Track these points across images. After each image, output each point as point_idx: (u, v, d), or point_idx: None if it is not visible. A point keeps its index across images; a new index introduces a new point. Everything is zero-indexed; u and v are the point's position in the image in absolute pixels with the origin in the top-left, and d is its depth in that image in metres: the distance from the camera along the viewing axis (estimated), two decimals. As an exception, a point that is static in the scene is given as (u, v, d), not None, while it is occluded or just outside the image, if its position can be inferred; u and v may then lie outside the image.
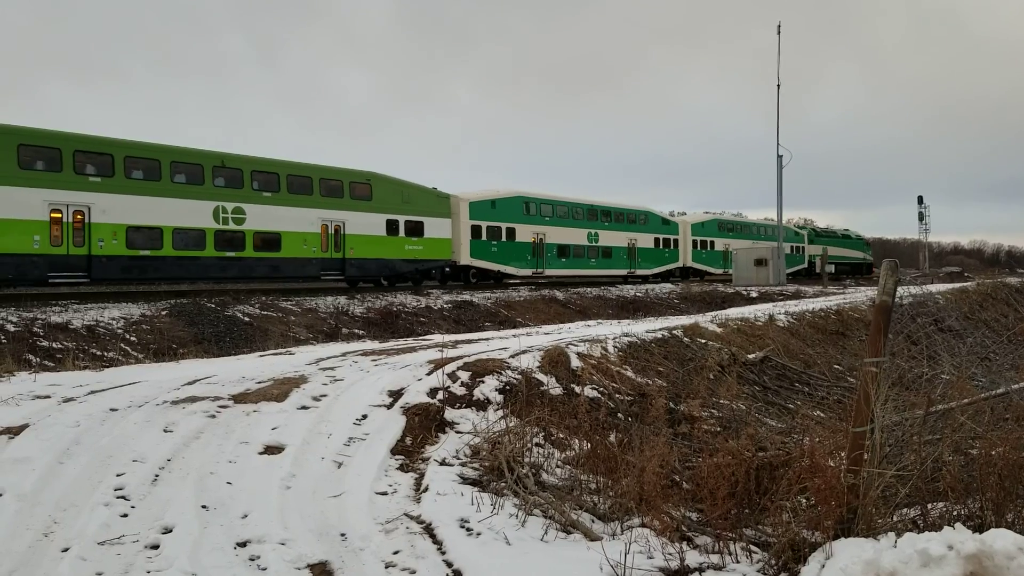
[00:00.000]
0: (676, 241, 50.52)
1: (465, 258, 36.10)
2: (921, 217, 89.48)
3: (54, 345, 16.39)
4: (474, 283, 36.96)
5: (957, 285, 32.54)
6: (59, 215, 22.51)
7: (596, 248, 43.89)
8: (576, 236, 42.55)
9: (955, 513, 5.02)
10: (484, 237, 37.00)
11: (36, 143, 22.33)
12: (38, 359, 15.17)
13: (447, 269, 36.31)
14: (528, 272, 39.71)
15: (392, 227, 31.99)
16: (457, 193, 36.65)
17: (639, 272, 46.87)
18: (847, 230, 79.25)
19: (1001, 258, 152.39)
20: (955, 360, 7.92)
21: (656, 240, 48.53)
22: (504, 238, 38.00)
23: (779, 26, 46.85)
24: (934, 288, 26.74)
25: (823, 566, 4.39)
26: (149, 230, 24.48)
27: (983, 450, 5.36)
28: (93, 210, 23.07)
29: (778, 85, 46.90)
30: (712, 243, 54.47)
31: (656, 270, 48.47)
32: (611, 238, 44.88)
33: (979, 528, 4.47)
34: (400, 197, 32.43)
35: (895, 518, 4.96)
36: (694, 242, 52.78)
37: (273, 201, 27.84)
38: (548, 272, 40.93)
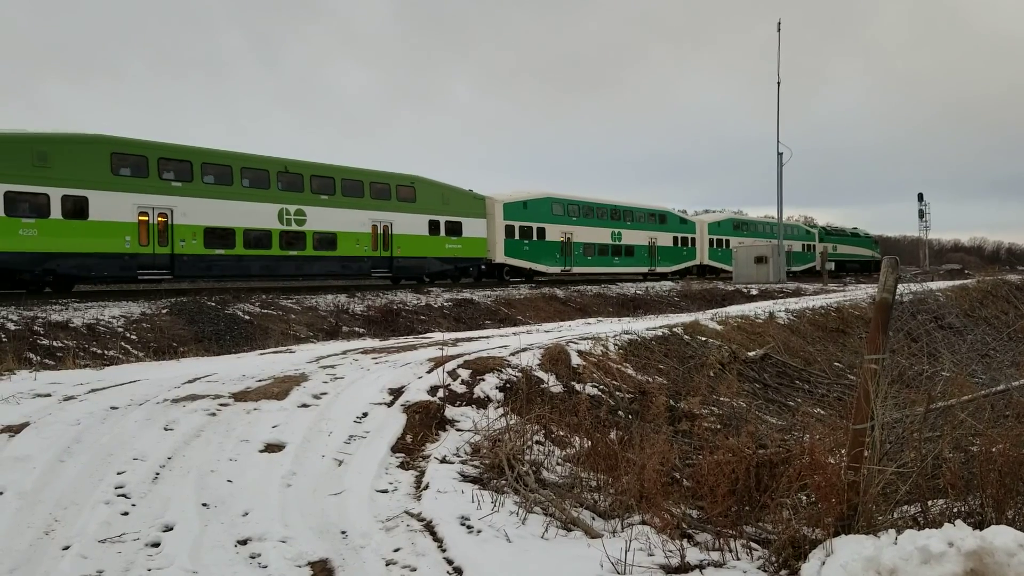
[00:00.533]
0: (693, 240, 52.39)
1: (500, 256, 37.96)
2: (921, 214, 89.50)
3: (54, 343, 16.40)
4: (507, 280, 38.56)
5: (957, 282, 32.54)
6: (145, 217, 24.47)
7: (619, 247, 45.69)
8: (601, 235, 44.38)
9: (955, 510, 5.02)
10: (517, 236, 38.79)
11: (125, 151, 24.20)
12: (39, 357, 15.18)
13: (483, 267, 37.78)
14: (557, 270, 41.40)
15: (434, 227, 33.95)
16: (492, 194, 38.53)
17: (659, 269, 48.47)
18: (856, 229, 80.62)
19: (1001, 255, 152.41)
20: (955, 357, 7.92)
21: (675, 239, 50.44)
22: (535, 237, 39.85)
23: (779, 23, 46.85)
24: (934, 285, 26.75)
25: (824, 563, 4.39)
26: (223, 231, 26.43)
27: (983, 447, 5.36)
28: (175, 213, 25.04)
29: (778, 83, 46.90)
30: (727, 241, 55.89)
31: (675, 268, 50.08)
32: (633, 237, 46.71)
33: (979, 525, 4.47)
34: (441, 199, 34.49)
35: (895, 515, 4.96)
36: (710, 241, 54.44)
37: (329, 204, 29.77)
38: (575, 270, 42.66)
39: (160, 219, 24.77)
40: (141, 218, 24.35)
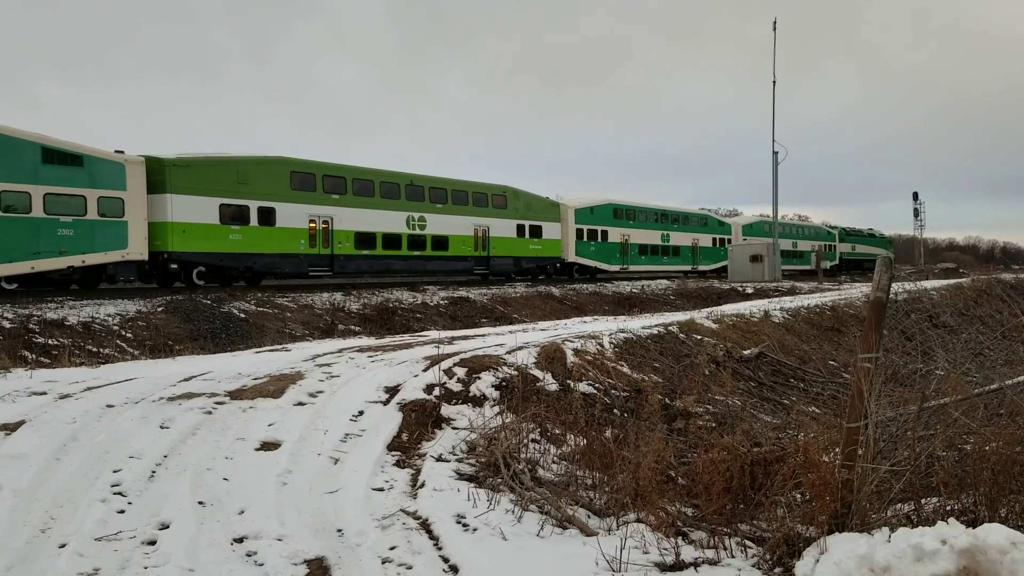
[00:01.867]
0: (730, 240, 57.51)
1: (571, 256, 43.05)
2: (916, 213, 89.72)
3: (50, 341, 16.38)
4: (576, 277, 43.20)
5: (952, 281, 32.64)
6: (314, 224, 29.81)
7: (668, 247, 51.33)
8: (653, 237, 49.90)
9: (949, 508, 5.05)
10: (585, 239, 44.01)
11: (300, 170, 29.60)
12: (34, 355, 15.15)
13: (558, 265, 42.80)
14: (617, 268, 46.43)
15: (520, 230, 39.41)
16: (565, 201, 43.96)
17: (700, 268, 53.40)
18: (871, 229, 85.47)
19: (996, 254, 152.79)
20: (949, 356, 7.95)
21: (714, 240, 55.84)
22: (600, 239, 45.17)
23: (775, 22, 46.89)
24: (929, 284, 26.81)
25: (817, 561, 4.41)
26: (368, 235, 31.77)
27: (977, 445, 5.39)
28: (334, 220, 30.45)
29: (774, 82, 46.95)
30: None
31: (714, 266, 54.93)
32: (679, 238, 52.36)
33: (972, 523, 4.50)
34: (526, 205, 39.98)
35: (889, 513, 4.99)
36: (744, 241, 58.16)
37: (443, 211, 34.93)
38: (631, 268, 47.63)
39: (324, 225, 30.10)
40: (311, 225, 29.67)
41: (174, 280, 26.52)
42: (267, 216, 28.19)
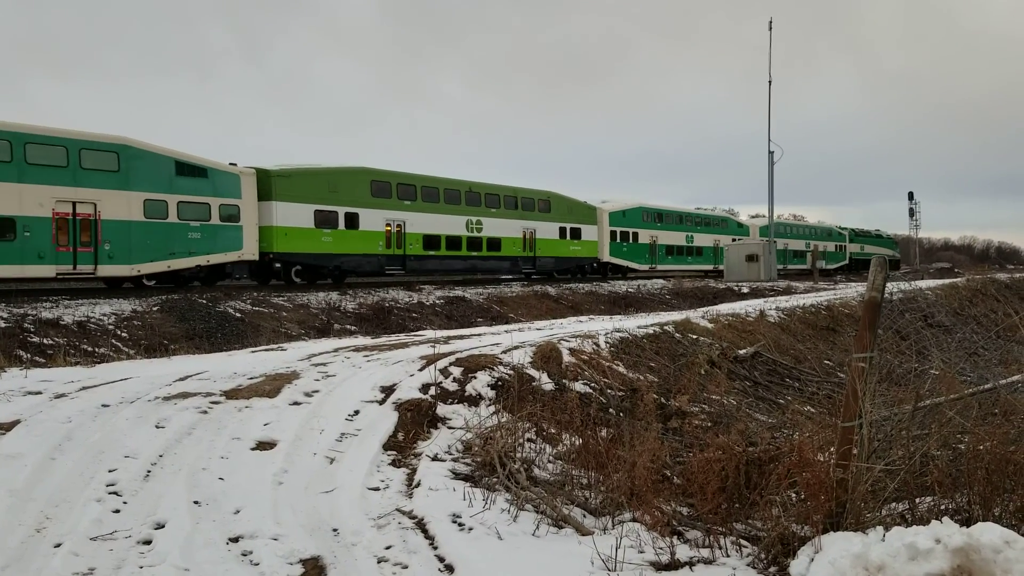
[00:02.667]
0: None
1: (606, 256, 46.27)
2: (912, 213, 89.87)
3: (45, 341, 16.35)
4: (609, 276, 46.21)
5: (947, 281, 32.70)
6: (389, 228, 33.22)
7: (692, 248, 54.63)
8: (678, 238, 53.06)
9: (943, 507, 5.06)
10: (618, 240, 47.32)
11: (378, 179, 32.99)
12: (29, 355, 15.13)
13: (595, 265, 46.00)
14: (646, 267, 49.48)
15: (562, 232, 42.79)
16: (600, 205, 47.28)
17: (721, 267, 55.02)
18: (879, 230, 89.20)
19: (991, 254, 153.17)
20: (944, 355, 7.98)
21: (733, 240, 58.08)
22: (631, 241, 48.52)
23: (770, 22, 46.98)
24: (924, 284, 26.87)
25: (812, 560, 4.42)
26: (434, 237, 35.08)
27: (971, 445, 5.41)
28: (406, 224, 33.77)
29: (769, 82, 47.02)
30: (776, 243, 62.49)
31: None
32: (702, 239, 55.69)
33: (966, 522, 4.51)
34: (567, 209, 43.41)
35: (883, 512, 5.00)
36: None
37: (497, 215, 38.34)
38: (659, 267, 50.54)
39: (397, 229, 33.43)
40: (387, 228, 33.04)
41: (275, 277, 30.03)
42: (352, 221, 31.61)
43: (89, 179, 23.44)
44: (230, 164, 27.89)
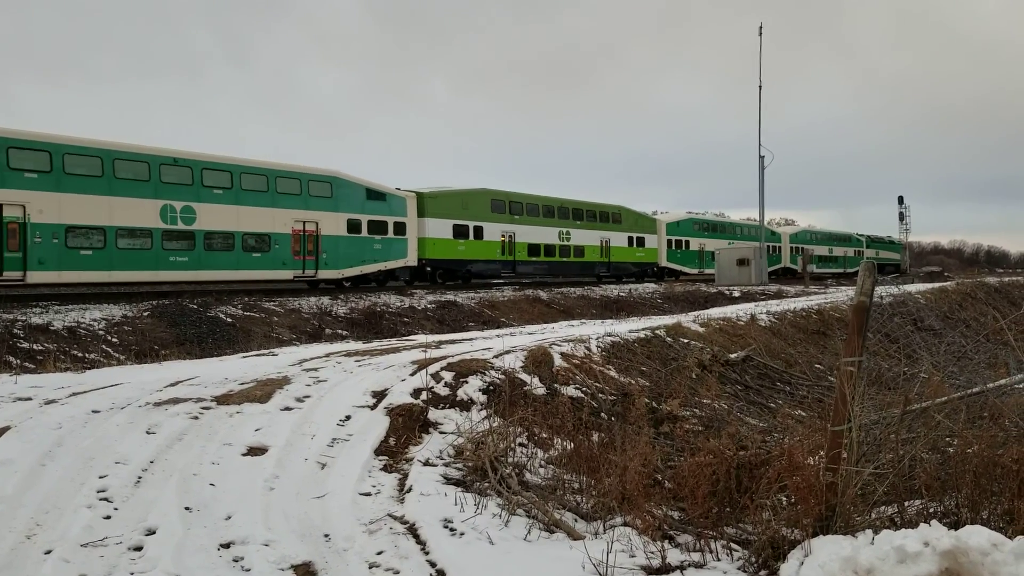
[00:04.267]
0: (780, 248, 67.52)
1: (663, 261, 53.35)
2: (902, 217, 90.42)
3: (35, 347, 16.28)
4: (667, 279, 52.20)
5: (937, 285, 32.85)
6: (504, 238, 40.20)
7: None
8: (721, 245, 57.40)
9: (931, 510, 5.09)
10: (673, 247, 54.41)
11: (496, 198, 40.12)
12: (18, 361, 15.06)
13: (655, 269, 52.46)
14: (695, 271, 55.91)
15: (630, 241, 49.91)
16: (659, 217, 55.78)
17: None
18: (890, 236, 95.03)
19: (980, 258, 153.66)
20: (933, 359, 8.01)
21: (769, 249, 62.58)
22: (684, 248, 55.81)
23: (760, 27, 47.16)
24: (914, 288, 26.98)
25: (802, 563, 4.44)
26: (535, 245, 42.30)
27: (959, 448, 5.44)
28: (515, 234, 40.90)
29: (759, 86, 47.22)
30: (803, 248, 70.57)
31: (769, 269, 60.93)
32: (740, 248, 59.91)
33: (955, 525, 4.54)
34: (634, 221, 50.65)
35: (873, 515, 5.03)
36: (791, 248, 69.20)
37: (581, 227, 45.66)
38: (706, 271, 55.44)
39: (509, 238, 40.48)
40: (502, 238, 40.03)
41: (424, 279, 36.74)
42: (478, 232, 38.59)
43: (313, 204, 30.25)
44: (396, 188, 34.78)
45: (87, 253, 23.63)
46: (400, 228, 34.02)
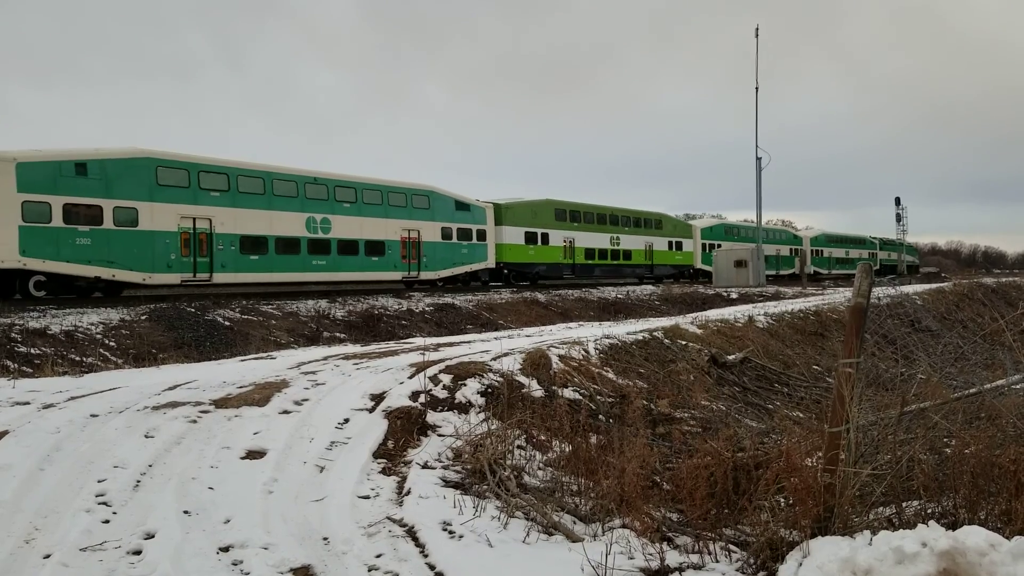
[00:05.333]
0: (800, 250, 71.82)
1: (698, 264, 58.56)
2: (899, 218, 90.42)
3: (32, 351, 16.26)
4: (699, 280, 56.34)
5: (934, 286, 32.90)
6: (567, 243, 45.53)
7: (772, 257, 64.27)
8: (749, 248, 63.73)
9: (929, 511, 5.10)
10: (707, 251, 59.07)
11: (559, 207, 45.41)
12: (16, 365, 15.04)
13: (691, 271, 57.80)
14: None
15: (671, 245, 55.31)
16: (694, 223, 61.35)
17: (781, 272, 66.23)
18: (901, 239, 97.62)
19: (978, 258, 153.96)
20: (930, 360, 8.03)
21: (790, 250, 70.53)
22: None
23: (757, 29, 47.25)
24: (911, 289, 27.01)
25: (800, 564, 4.45)
26: (591, 250, 47.59)
27: (956, 449, 5.45)
28: (575, 240, 46.21)
29: (756, 88, 47.33)
30: (822, 251, 77.31)
31: (789, 271, 68.74)
32: (767, 249, 63.79)
33: (952, 525, 4.55)
34: (673, 227, 56.48)
35: (871, 516, 5.04)
36: (812, 251, 74.39)
37: (629, 232, 51.03)
38: None
39: (569, 244, 45.60)
40: (564, 243, 45.22)
41: (502, 280, 41.97)
42: (544, 239, 43.87)
43: (415, 214, 35.33)
44: (476, 199, 39.62)
45: (255, 258, 28.84)
46: (481, 235, 39.17)
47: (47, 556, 4.77)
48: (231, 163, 28.23)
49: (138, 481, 5.96)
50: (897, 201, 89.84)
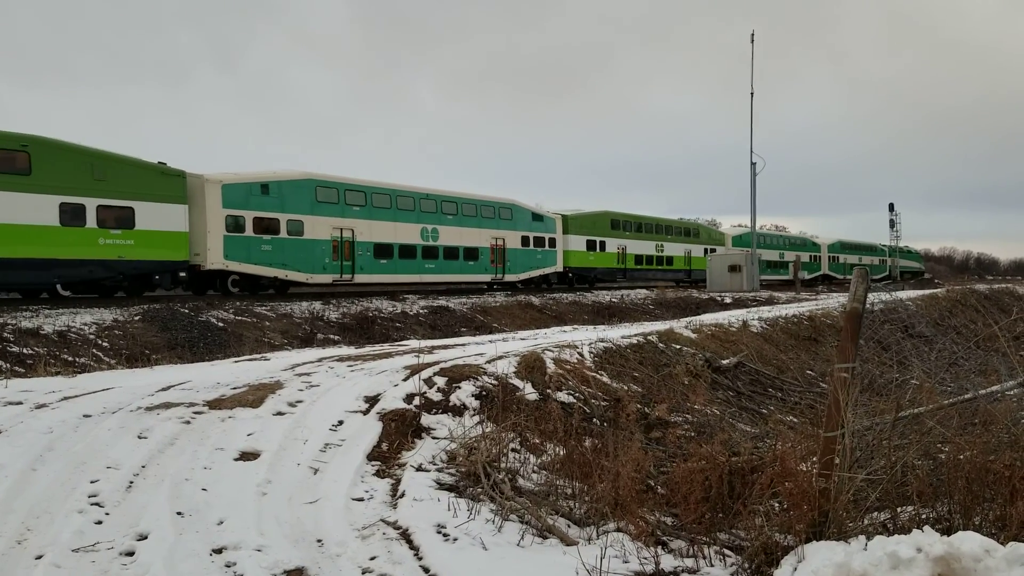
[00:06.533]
0: (820, 257, 78.40)
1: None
2: (892, 224, 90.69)
3: (25, 351, 16.20)
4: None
5: (927, 292, 32.98)
6: (621, 249, 50.93)
7: (784, 262, 70.87)
8: (775, 255, 69.77)
9: (924, 516, 5.10)
10: None
11: (615, 218, 50.92)
12: (8, 365, 14.99)
13: None
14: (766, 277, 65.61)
15: (706, 251, 59.53)
16: (724, 230, 68.49)
17: (805, 277, 70.71)
18: (909, 247, 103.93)
19: (970, 265, 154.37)
20: (924, 365, 8.04)
21: (811, 256, 76.37)
22: None
23: (752, 35, 47.33)
24: (905, 295, 27.08)
25: (795, 569, 4.45)
26: (640, 255, 52.89)
27: (951, 454, 5.45)
28: (627, 247, 51.58)
29: (751, 93, 47.35)
30: (839, 258, 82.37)
31: (811, 276, 74.52)
32: (790, 256, 71.70)
33: (947, 531, 4.55)
34: (707, 235, 62.78)
35: (866, 521, 5.04)
36: (829, 257, 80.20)
37: (671, 240, 56.86)
38: (763, 277, 62.37)
39: (622, 250, 51.10)
40: (618, 249, 50.67)
41: (565, 283, 46.96)
42: (602, 246, 49.31)
43: (501, 224, 40.56)
44: (545, 211, 45.20)
45: (384, 262, 33.74)
46: (552, 243, 44.57)
47: (39, 557, 4.74)
48: (367, 183, 33.49)
49: (131, 482, 5.93)
50: (891, 207, 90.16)
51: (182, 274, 26.96)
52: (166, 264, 25.87)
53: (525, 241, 42.19)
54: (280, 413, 7.79)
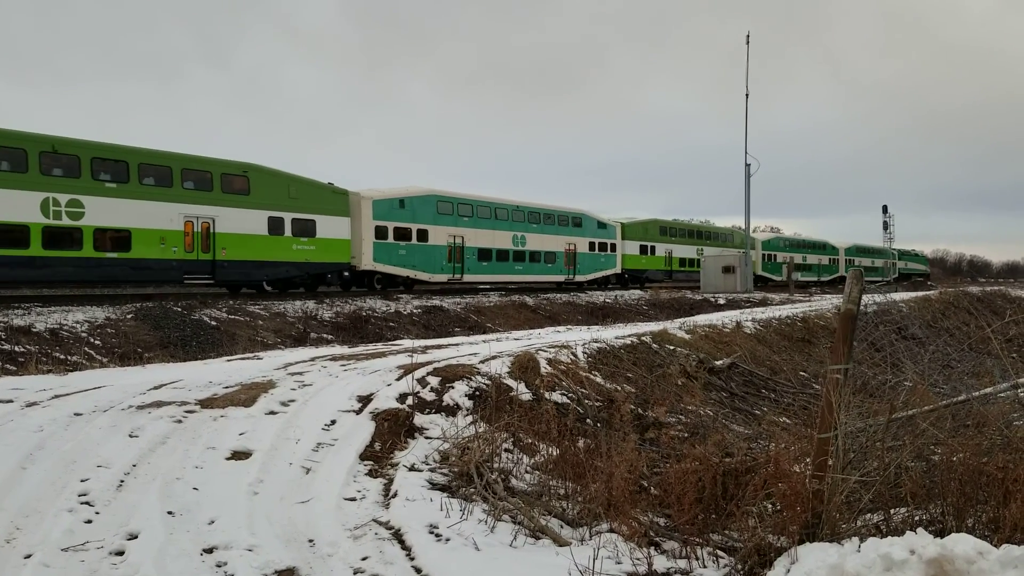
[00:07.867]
0: (837, 259, 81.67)
1: (759, 271, 64.36)
2: (886, 226, 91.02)
3: (16, 348, 16.12)
4: (758, 284, 61.87)
5: (920, 294, 33.05)
6: (667, 254, 55.23)
7: (809, 265, 75.45)
8: (799, 258, 72.98)
9: (917, 518, 5.10)
10: (767, 260, 67.97)
11: (663, 225, 55.39)
12: (0, 363, 14.91)
13: (755, 276, 61.68)
14: (780, 279, 67.06)
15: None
16: (754, 235, 66.45)
17: (823, 278, 76.75)
18: (915, 250, 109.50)
19: (963, 267, 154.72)
20: (918, 367, 8.04)
21: (828, 260, 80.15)
22: (773, 260, 69.48)
23: (748, 36, 47.37)
24: (898, 297, 27.08)
25: (788, 571, 4.44)
26: (683, 258, 57.22)
27: (944, 456, 5.45)
28: (673, 250, 56.37)
29: (746, 95, 47.38)
30: (854, 260, 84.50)
31: (829, 277, 78.31)
32: (812, 259, 76.74)
33: (940, 533, 4.55)
34: (741, 239, 60.65)
35: (859, 523, 5.03)
36: (845, 260, 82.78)
37: (709, 244, 61.12)
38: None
39: (668, 254, 55.48)
40: (665, 254, 55.05)
41: (621, 283, 50.94)
42: (653, 250, 54.07)
43: (573, 232, 45.72)
44: (608, 219, 49.63)
45: (485, 264, 39.24)
46: (613, 247, 49.59)
47: (28, 556, 4.71)
48: (474, 197, 39.14)
49: (122, 481, 5.90)
50: (884, 209, 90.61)
51: (346, 273, 33.00)
52: (337, 265, 31.57)
53: (592, 246, 47.29)
54: (272, 412, 7.77)
